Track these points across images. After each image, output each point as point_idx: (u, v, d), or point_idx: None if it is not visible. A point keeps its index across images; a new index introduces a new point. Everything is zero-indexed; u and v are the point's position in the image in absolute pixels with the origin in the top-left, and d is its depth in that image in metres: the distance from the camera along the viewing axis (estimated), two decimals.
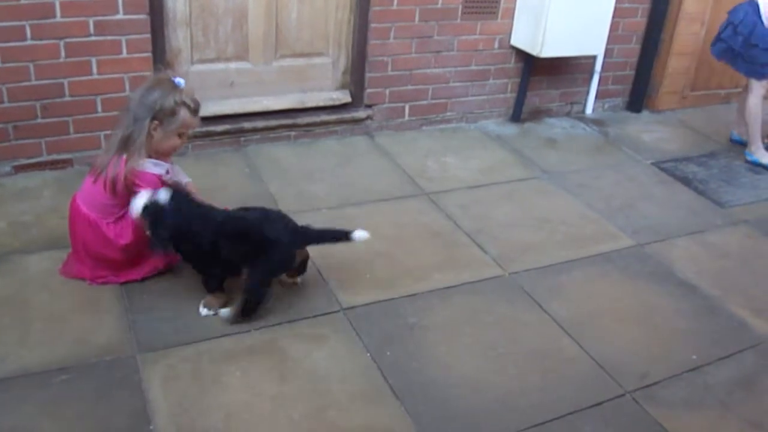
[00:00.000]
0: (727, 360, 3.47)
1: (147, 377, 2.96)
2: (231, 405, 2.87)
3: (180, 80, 3.33)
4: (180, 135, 3.35)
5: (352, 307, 3.52)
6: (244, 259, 3.25)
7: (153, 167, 3.29)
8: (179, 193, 3.20)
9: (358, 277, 3.76)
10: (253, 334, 3.27)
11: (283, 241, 3.26)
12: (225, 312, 3.33)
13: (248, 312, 3.31)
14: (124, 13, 4.29)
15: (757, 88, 5.52)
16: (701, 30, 6.43)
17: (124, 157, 3.23)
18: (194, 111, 3.34)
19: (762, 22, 5.26)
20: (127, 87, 4.42)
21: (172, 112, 3.24)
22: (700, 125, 6.43)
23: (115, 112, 4.35)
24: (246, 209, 3.44)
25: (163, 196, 3.11)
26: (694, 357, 3.45)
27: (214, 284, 3.38)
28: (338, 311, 3.49)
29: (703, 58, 6.59)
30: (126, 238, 3.36)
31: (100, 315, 3.28)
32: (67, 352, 3.04)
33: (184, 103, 3.27)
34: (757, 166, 5.63)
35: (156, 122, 3.24)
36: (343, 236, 3.43)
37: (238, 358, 3.11)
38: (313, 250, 3.85)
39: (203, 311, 3.34)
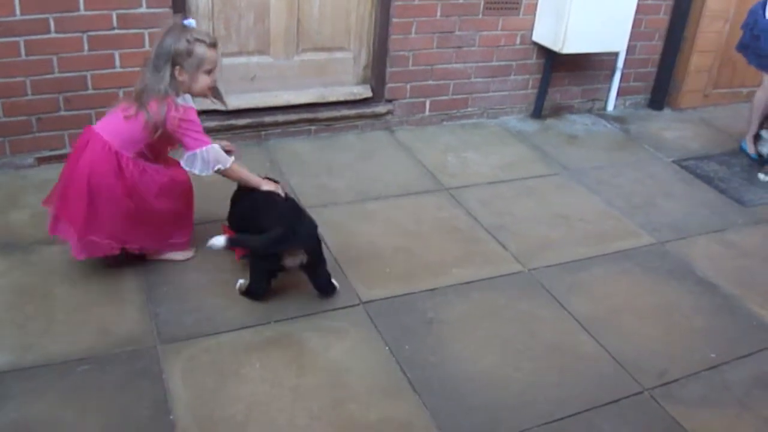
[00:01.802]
0: (746, 359, 3.46)
1: (168, 368, 2.99)
2: (250, 397, 2.89)
3: (190, 20, 3.27)
4: (208, 72, 3.30)
5: (371, 301, 3.54)
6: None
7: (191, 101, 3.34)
8: None
9: (378, 271, 3.78)
10: (273, 327, 3.29)
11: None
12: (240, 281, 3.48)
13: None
14: (147, 7, 4.32)
15: (766, 80, 5.52)
16: (724, 27, 6.38)
17: (170, 98, 3.20)
18: (211, 45, 3.27)
19: (763, 14, 5.23)
20: None
21: (189, 53, 3.18)
22: (723, 124, 6.39)
23: None
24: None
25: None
26: (713, 355, 3.44)
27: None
28: (357, 305, 3.51)
29: (726, 56, 6.55)
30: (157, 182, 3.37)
31: (121, 306, 3.32)
32: (89, 342, 3.08)
33: (197, 40, 3.20)
34: (743, 152, 5.70)
35: (177, 67, 3.20)
36: None
37: (257, 350, 3.14)
38: (333, 244, 3.89)
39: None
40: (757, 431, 3.02)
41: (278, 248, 3.26)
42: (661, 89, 6.48)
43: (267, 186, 3.51)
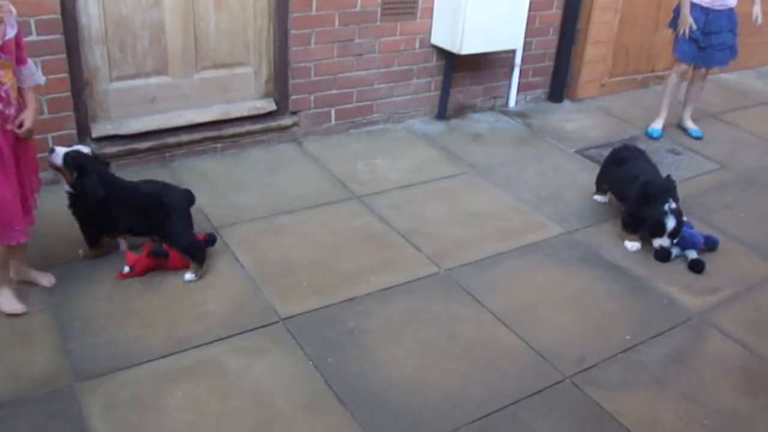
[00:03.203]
0: (660, 338, 3.59)
1: (86, 406, 2.90)
2: (174, 427, 2.83)
3: None
4: None
5: (291, 317, 3.51)
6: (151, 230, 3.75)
7: None
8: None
9: (295, 285, 3.75)
10: (192, 353, 3.23)
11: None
12: (189, 276, 3.69)
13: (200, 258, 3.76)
14: (37, 35, 4.18)
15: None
16: (615, 18, 6.59)
17: None
18: None
19: None
20: (46, 109, 4.32)
21: None
22: (620, 111, 6.60)
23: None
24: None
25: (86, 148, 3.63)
26: (628, 337, 3.55)
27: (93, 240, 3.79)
28: (277, 322, 3.48)
29: (619, 46, 6.77)
30: None
31: (32, 346, 3.20)
32: (2, 386, 2.96)
33: None
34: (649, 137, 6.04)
35: None
36: None
37: (178, 379, 3.07)
38: (247, 262, 3.85)
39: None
40: (677, 407, 3.14)
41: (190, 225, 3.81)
42: (559, 82, 6.65)
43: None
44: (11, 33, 3.07)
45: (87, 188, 3.58)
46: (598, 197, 4.85)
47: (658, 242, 4.17)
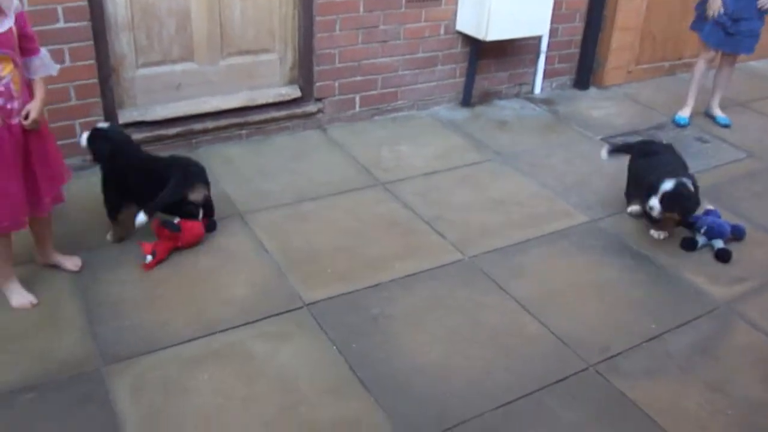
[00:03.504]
0: (685, 327, 3.56)
1: (114, 389, 2.94)
2: (201, 410, 2.87)
3: None
4: None
5: (315, 302, 3.53)
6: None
7: None
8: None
9: (319, 271, 3.77)
10: (218, 337, 3.26)
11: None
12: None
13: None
14: (65, 21, 4.22)
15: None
16: (642, 4, 6.52)
17: None
18: None
19: None
20: (73, 96, 4.36)
21: None
22: (647, 99, 6.53)
23: (61, 123, 4.32)
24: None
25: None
26: (653, 326, 3.53)
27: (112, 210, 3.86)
28: (301, 307, 3.50)
29: (646, 32, 6.70)
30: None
31: (61, 330, 3.25)
32: (30, 370, 3.01)
33: None
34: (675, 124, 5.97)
35: None
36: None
37: (205, 363, 3.11)
38: (272, 248, 3.87)
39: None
40: (700, 396, 3.12)
41: (184, 189, 3.80)
42: (585, 69, 6.59)
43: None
44: (6, 25, 2.98)
45: (96, 149, 3.76)
46: (632, 209, 4.52)
47: (652, 201, 4.01)
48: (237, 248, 3.90)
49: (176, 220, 3.79)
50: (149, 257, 3.67)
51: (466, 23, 5.62)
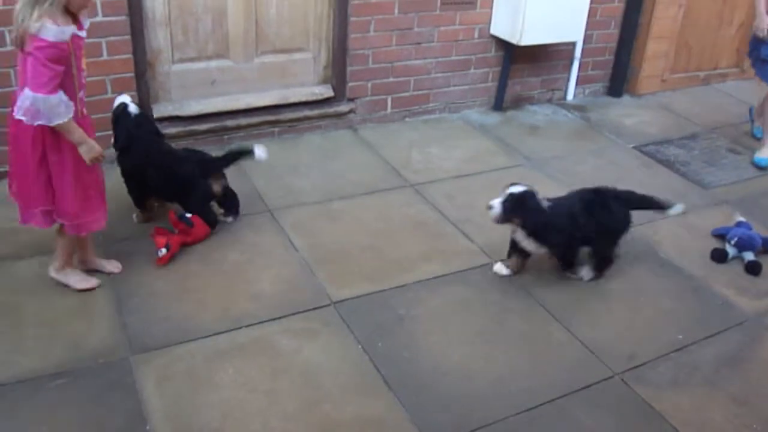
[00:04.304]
0: (713, 339, 3.53)
1: (141, 378, 2.98)
2: (226, 402, 2.90)
3: None
4: None
5: (342, 301, 3.55)
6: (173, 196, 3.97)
7: (53, 32, 2.86)
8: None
9: (347, 270, 3.79)
10: (245, 332, 3.29)
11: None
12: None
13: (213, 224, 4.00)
14: (103, 15, 4.29)
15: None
16: (679, 13, 6.47)
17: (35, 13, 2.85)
18: None
19: None
20: (110, 89, 4.42)
21: None
22: (681, 108, 6.48)
23: (97, 115, 4.37)
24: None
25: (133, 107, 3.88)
26: (680, 337, 3.51)
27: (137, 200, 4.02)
28: (328, 305, 3.52)
29: (682, 41, 6.65)
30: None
31: (91, 318, 3.30)
32: (60, 356, 3.06)
33: None
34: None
35: None
36: (249, 154, 4.12)
37: (230, 356, 3.14)
38: (301, 245, 3.89)
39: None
40: (726, 409, 3.09)
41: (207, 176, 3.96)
42: (619, 76, 6.56)
43: (91, 142, 3.17)
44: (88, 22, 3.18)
45: (117, 137, 3.88)
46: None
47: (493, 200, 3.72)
48: (266, 244, 3.94)
49: (188, 215, 3.83)
50: (163, 250, 3.69)
51: (501, 27, 5.62)
